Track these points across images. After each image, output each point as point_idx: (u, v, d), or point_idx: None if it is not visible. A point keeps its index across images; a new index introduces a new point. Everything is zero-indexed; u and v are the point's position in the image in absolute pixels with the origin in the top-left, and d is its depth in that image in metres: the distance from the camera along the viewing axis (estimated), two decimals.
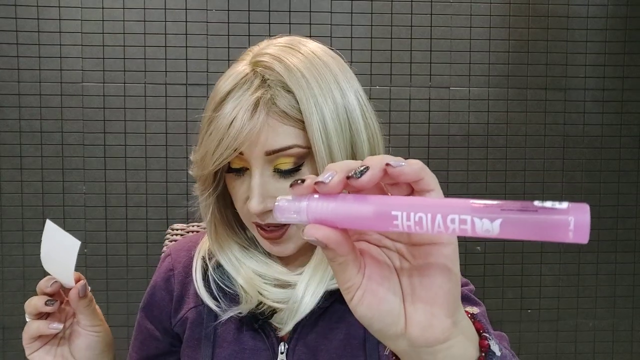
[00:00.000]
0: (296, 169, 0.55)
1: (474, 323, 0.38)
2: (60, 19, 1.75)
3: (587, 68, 1.89)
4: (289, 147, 0.53)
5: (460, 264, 0.32)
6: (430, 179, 0.30)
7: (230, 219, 0.65)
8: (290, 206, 0.32)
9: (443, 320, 0.31)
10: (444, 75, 1.85)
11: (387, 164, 0.29)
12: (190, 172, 0.61)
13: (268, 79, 0.54)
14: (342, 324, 0.61)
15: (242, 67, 0.56)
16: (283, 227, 0.57)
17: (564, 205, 0.24)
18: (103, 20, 1.76)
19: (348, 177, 0.30)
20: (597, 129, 1.91)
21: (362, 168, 0.30)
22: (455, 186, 1.87)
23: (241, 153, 0.54)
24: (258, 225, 0.58)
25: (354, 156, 0.57)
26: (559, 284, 1.93)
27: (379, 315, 0.32)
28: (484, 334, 0.37)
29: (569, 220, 0.24)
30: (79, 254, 0.58)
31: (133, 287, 1.80)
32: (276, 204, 0.33)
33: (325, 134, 0.54)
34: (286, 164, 0.55)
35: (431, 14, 1.84)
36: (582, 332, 1.94)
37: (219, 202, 0.63)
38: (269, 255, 0.65)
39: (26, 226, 1.78)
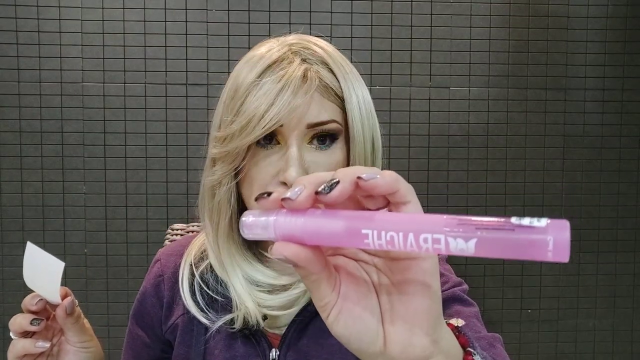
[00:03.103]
0: (330, 144, 0.55)
1: (458, 337, 0.37)
2: (60, 19, 1.75)
3: (587, 68, 1.89)
4: (330, 122, 0.54)
5: (461, 264, 0.32)
6: (405, 191, 0.28)
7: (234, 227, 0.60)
8: (257, 222, 0.30)
9: (423, 339, 0.30)
10: (444, 75, 1.85)
11: (359, 177, 0.28)
12: (213, 150, 0.56)
13: (307, 58, 0.55)
14: None
15: (275, 46, 0.56)
16: None
17: (543, 222, 0.23)
18: (103, 20, 1.76)
19: (317, 192, 0.28)
20: (597, 129, 1.91)
21: (332, 182, 0.28)
22: (455, 186, 1.87)
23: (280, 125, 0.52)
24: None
25: (373, 144, 0.58)
26: (559, 284, 1.93)
27: (356, 334, 0.31)
28: (469, 349, 0.36)
29: (547, 240, 0.23)
30: (79, 254, 0.57)
31: (133, 287, 1.80)
32: (242, 219, 0.31)
33: (360, 116, 0.56)
34: (322, 138, 0.55)
35: (431, 14, 1.84)
36: (582, 332, 1.94)
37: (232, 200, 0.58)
38: (267, 265, 0.62)
39: (26, 226, 1.78)
